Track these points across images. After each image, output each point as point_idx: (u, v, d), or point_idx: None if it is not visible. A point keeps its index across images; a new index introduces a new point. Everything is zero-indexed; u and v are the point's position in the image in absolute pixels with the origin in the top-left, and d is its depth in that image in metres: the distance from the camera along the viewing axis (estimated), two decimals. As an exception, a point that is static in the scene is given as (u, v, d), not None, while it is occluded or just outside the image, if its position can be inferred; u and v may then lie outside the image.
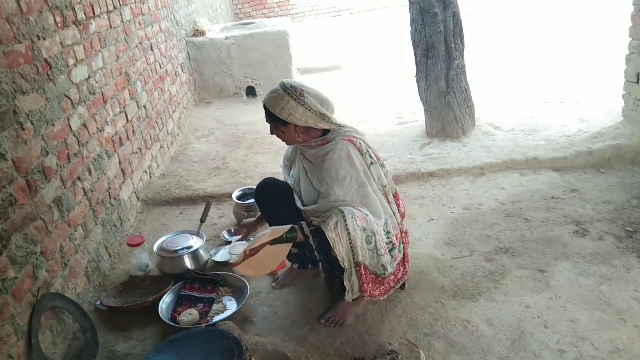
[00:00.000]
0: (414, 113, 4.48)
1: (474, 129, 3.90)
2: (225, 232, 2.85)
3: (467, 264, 2.40)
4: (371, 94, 5.47)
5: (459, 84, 3.75)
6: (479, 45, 6.24)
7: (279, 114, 1.97)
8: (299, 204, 2.14)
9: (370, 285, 2.01)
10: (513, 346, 1.89)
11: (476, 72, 4.48)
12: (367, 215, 1.98)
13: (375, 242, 1.97)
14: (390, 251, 2.04)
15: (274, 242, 1.99)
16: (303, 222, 2.00)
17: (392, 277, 2.08)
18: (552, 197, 2.91)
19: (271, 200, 2.26)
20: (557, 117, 4.04)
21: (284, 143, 2.15)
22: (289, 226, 2.00)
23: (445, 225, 2.76)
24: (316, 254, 2.12)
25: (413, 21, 3.76)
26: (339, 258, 1.93)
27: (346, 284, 1.99)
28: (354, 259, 1.95)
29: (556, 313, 2.03)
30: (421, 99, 3.94)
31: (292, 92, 1.96)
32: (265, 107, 2.03)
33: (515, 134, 3.80)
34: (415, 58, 3.86)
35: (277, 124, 2.03)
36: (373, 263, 1.99)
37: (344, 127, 2.08)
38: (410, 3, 3.75)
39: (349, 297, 2.01)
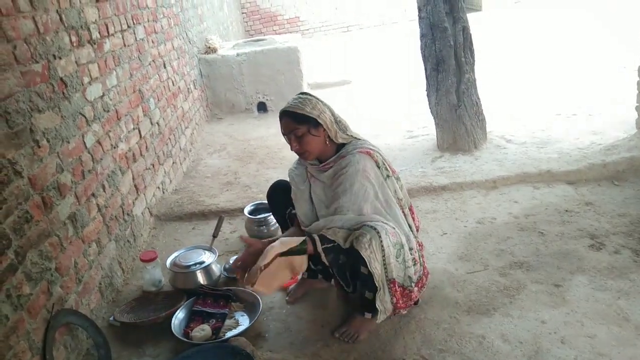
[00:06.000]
0: (425, 126, 4.48)
1: (485, 142, 3.88)
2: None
3: (481, 278, 2.38)
4: (382, 108, 5.48)
5: (470, 97, 3.75)
6: (489, 57, 6.24)
7: (309, 112, 1.91)
8: (302, 219, 2.15)
9: (402, 301, 2.00)
10: (529, 362, 1.86)
11: (487, 85, 4.48)
12: (393, 227, 1.96)
13: (403, 253, 1.96)
14: (413, 265, 2.03)
15: (285, 253, 1.93)
16: (316, 236, 1.96)
17: (416, 289, 2.06)
18: (566, 210, 2.88)
19: (282, 200, 2.27)
20: (569, 130, 4.02)
21: (297, 158, 2.13)
22: (301, 238, 1.96)
23: (458, 239, 2.74)
24: (331, 270, 2.10)
25: (423, 35, 3.78)
26: (376, 275, 1.90)
27: (378, 304, 1.95)
28: (386, 276, 1.93)
29: (573, 328, 2.00)
30: (432, 112, 3.94)
31: (316, 96, 1.97)
32: (287, 114, 1.94)
33: (527, 146, 3.78)
34: (426, 72, 3.87)
35: (309, 127, 1.93)
36: (401, 275, 1.98)
37: (359, 139, 2.07)
38: (420, 18, 3.77)
39: (380, 317, 1.98)
